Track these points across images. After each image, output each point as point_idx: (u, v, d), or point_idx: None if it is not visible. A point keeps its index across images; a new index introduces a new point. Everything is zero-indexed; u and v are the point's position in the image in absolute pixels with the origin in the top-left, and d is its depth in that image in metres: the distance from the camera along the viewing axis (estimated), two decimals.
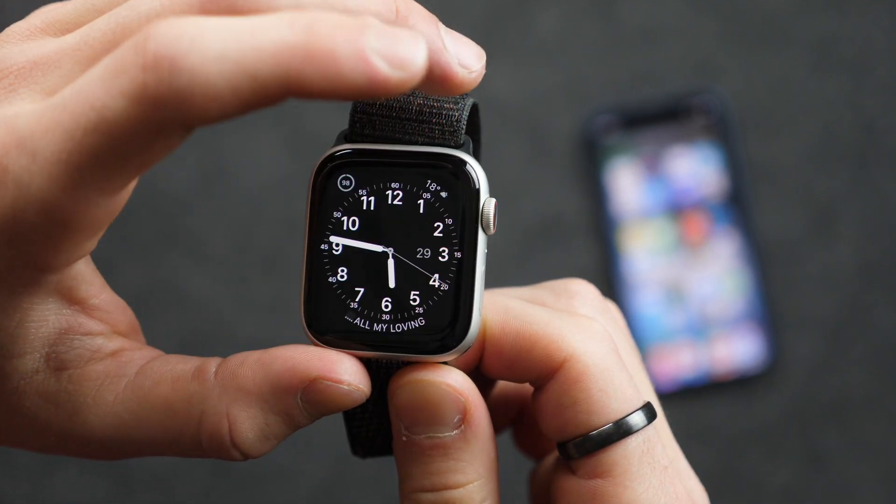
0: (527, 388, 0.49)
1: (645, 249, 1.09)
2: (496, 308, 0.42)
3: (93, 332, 0.41)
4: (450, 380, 0.41)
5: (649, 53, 1.09)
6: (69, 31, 0.40)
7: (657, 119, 1.09)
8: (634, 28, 1.09)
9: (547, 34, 1.09)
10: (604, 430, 0.41)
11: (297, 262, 1.17)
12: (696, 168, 1.10)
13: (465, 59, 0.40)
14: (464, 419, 0.41)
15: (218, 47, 0.34)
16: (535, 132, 1.08)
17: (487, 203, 0.41)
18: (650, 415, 0.42)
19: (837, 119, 1.09)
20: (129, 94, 0.34)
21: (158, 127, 0.35)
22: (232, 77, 0.34)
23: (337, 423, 0.45)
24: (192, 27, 0.34)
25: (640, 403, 0.42)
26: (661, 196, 1.09)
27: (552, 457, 0.49)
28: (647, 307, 1.08)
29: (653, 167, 1.10)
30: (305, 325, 0.41)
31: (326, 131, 1.06)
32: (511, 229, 1.06)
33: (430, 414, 0.41)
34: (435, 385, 0.41)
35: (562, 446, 0.42)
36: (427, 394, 0.41)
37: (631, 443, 0.41)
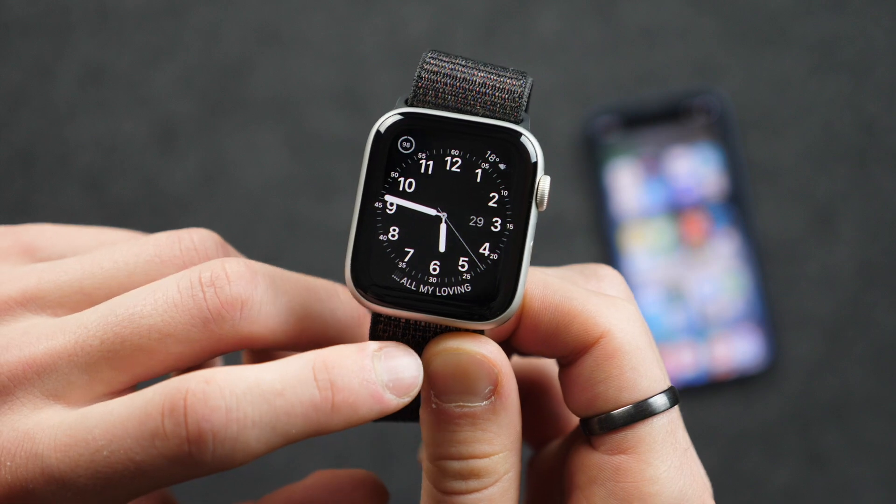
0: (532, 373, 0.49)
1: (645, 249, 1.09)
2: (535, 281, 0.43)
3: None
4: (485, 350, 0.41)
5: (649, 53, 1.09)
6: (51, 308, 0.42)
7: (657, 119, 1.09)
8: (634, 28, 1.09)
9: (547, 34, 1.09)
10: (631, 408, 0.42)
11: (297, 263, 1.17)
12: (696, 168, 1.10)
13: (400, 383, 0.42)
14: (495, 390, 0.42)
15: (254, 416, 0.38)
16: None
17: (543, 180, 0.42)
18: (673, 398, 0.43)
19: (837, 119, 1.09)
20: (171, 458, 0.37)
21: (189, 475, 0.38)
22: (267, 439, 0.38)
23: None
24: (227, 394, 0.38)
25: (666, 386, 0.43)
26: (661, 196, 1.09)
27: (554, 444, 0.50)
28: (647, 307, 1.08)
29: (653, 167, 1.10)
30: (351, 280, 0.41)
31: (327, 131, 1.06)
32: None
33: (463, 383, 0.41)
34: (470, 355, 0.41)
35: (585, 422, 0.43)
36: (462, 363, 0.41)
37: (656, 422, 0.42)
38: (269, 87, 1.08)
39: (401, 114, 0.42)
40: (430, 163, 0.42)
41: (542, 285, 0.43)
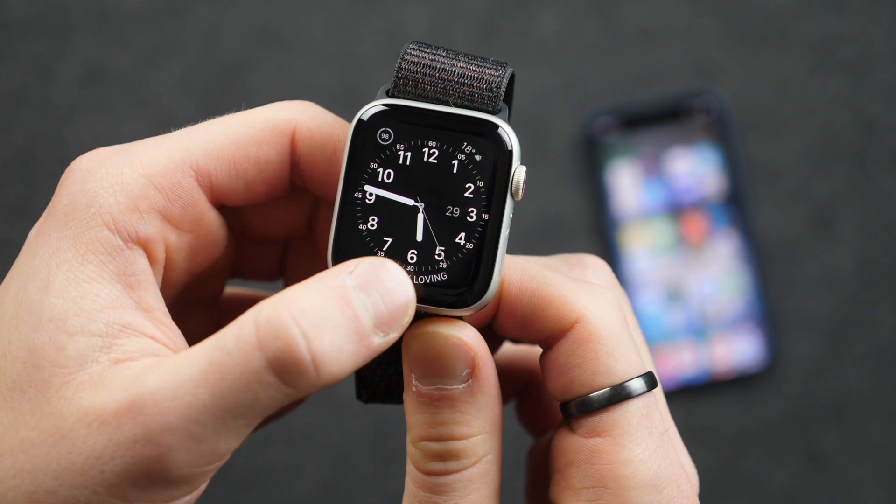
0: (533, 361, 0.50)
1: (645, 249, 1.09)
2: (514, 268, 0.44)
3: (157, 338, 0.41)
4: (462, 334, 0.42)
5: (649, 53, 1.09)
6: None
7: (657, 119, 1.09)
8: (634, 28, 1.09)
9: (547, 34, 1.09)
10: (606, 391, 0.43)
11: None
12: (695, 168, 1.10)
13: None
14: (472, 374, 0.42)
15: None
16: (535, 132, 1.08)
17: (518, 170, 0.42)
18: (651, 382, 0.43)
19: (837, 119, 1.09)
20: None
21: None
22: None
23: (337, 423, 0.45)
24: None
25: (643, 370, 0.43)
26: (661, 196, 1.09)
27: (551, 432, 0.49)
28: (647, 307, 1.08)
29: (652, 167, 1.10)
30: (332, 266, 0.42)
31: None
32: (511, 229, 1.06)
33: (440, 366, 0.42)
34: (447, 338, 0.42)
35: (564, 406, 0.44)
36: (439, 346, 0.42)
37: (631, 406, 0.43)
38: (269, 87, 1.08)
39: (380, 105, 0.43)
40: (409, 154, 0.42)
41: (519, 271, 0.44)
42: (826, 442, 1.07)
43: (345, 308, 0.39)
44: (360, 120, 0.43)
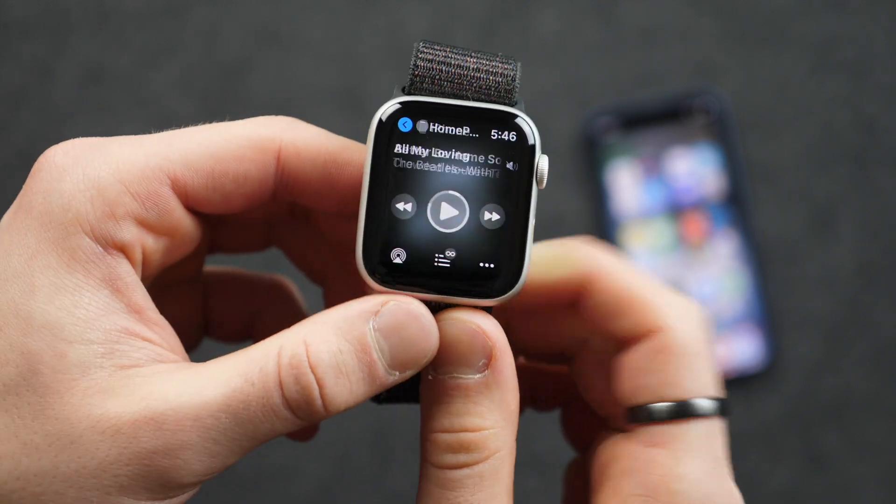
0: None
1: (645, 249, 1.09)
2: (612, 261, 0.44)
3: (154, 341, 0.41)
4: (480, 322, 0.42)
5: (649, 54, 1.09)
6: None
7: (657, 119, 1.09)
8: (634, 28, 1.09)
9: (547, 34, 1.09)
10: (676, 404, 0.43)
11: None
12: (695, 168, 1.10)
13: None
14: (488, 364, 0.42)
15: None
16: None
17: (542, 159, 0.43)
18: (721, 408, 0.43)
19: (837, 119, 1.09)
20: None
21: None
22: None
23: (336, 423, 0.45)
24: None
25: (717, 393, 0.43)
26: (661, 196, 1.09)
27: (593, 448, 0.49)
28: None
29: (652, 167, 1.10)
30: (361, 262, 0.42)
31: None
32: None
33: (456, 353, 0.42)
34: (465, 323, 0.42)
35: (630, 410, 0.44)
36: (456, 332, 0.42)
37: (696, 424, 0.43)
38: (268, 88, 1.08)
39: (400, 103, 0.43)
40: (431, 148, 0.43)
41: (609, 264, 0.44)
42: (826, 442, 1.07)
43: (362, 354, 0.40)
44: (380, 119, 0.43)
